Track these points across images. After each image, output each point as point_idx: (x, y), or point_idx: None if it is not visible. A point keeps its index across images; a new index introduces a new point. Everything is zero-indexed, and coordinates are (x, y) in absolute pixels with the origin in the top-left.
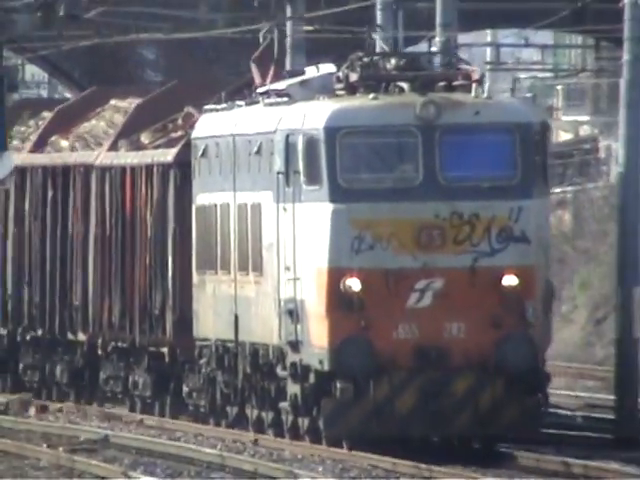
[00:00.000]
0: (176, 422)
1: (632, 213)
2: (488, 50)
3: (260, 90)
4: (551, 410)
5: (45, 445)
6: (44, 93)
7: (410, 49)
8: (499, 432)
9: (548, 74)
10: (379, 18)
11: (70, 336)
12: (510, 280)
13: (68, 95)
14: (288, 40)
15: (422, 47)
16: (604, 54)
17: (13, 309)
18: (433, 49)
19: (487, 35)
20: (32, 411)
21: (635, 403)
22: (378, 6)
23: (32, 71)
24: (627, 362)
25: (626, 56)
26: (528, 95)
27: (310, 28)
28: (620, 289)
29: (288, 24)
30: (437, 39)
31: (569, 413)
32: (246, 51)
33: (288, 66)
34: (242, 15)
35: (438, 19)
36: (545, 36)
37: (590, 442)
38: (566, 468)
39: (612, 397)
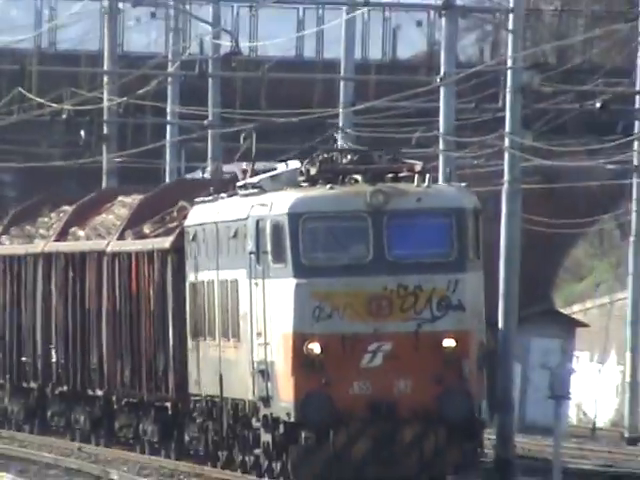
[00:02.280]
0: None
1: None
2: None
3: (239, 184)
4: None
5: None
6: None
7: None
8: (442, 474)
9: None
10: (168, 155)
11: (89, 392)
12: (449, 343)
13: None
14: (104, 168)
15: (198, 174)
16: None
17: (42, 368)
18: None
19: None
20: None
21: None
22: (167, 144)
23: None
24: None
25: None
26: (463, 184)
27: (121, 160)
28: None
29: (104, 157)
30: (208, 168)
31: None
32: (76, 178)
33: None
34: (73, 150)
35: (209, 153)
36: None
37: None
38: None
39: None
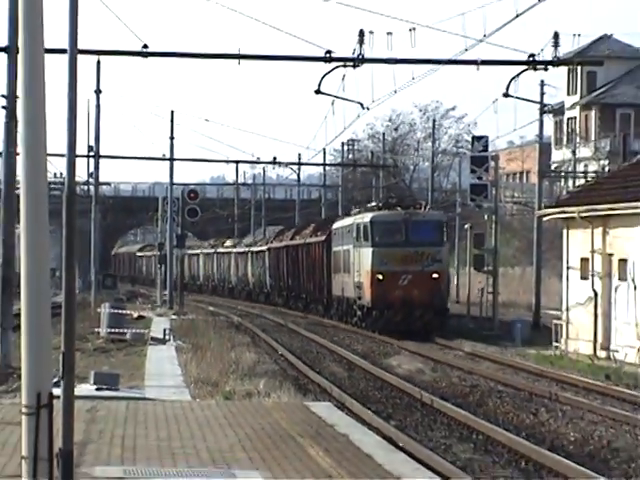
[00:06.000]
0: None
1: None
2: None
3: (353, 212)
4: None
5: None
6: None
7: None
8: (431, 330)
9: None
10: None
11: (300, 295)
12: (435, 275)
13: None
14: (236, 230)
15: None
16: None
17: (285, 286)
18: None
19: None
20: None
21: None
22: (252, 220)
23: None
24: None
25: None
26: (440, 211)
27: (238, 228)
28: None
29: (235, 228)
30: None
31: None
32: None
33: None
34: (227, 221)
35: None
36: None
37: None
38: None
39: None
